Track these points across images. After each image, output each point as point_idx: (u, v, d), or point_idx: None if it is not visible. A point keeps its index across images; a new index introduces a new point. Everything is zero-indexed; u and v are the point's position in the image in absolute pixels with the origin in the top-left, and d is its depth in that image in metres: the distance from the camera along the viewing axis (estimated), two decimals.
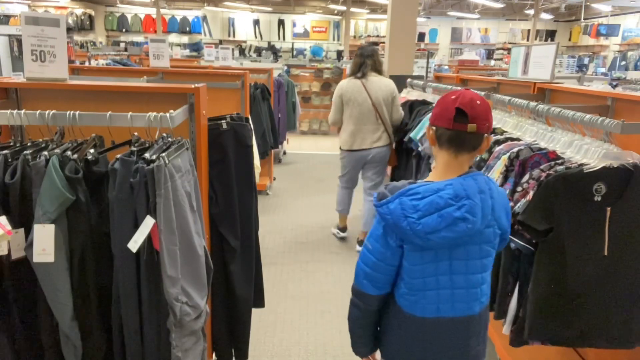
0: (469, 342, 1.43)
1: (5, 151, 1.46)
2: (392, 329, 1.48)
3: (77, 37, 15.16)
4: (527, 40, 17.07)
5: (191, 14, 16.90)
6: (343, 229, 4.27)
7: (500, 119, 2.76)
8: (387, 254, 1.36)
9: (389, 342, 1.51)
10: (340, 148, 3.95)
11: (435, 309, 1.38)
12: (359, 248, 4.04)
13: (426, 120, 3.36)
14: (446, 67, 10.65)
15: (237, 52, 14.30)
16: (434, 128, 1.39)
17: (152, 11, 16.31)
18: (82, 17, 15.57)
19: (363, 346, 1.59)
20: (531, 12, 15.59)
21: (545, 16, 16.57)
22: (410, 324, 1.41)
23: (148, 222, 1.38)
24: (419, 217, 1.27)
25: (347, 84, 3.81)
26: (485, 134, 1.35)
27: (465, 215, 1.27)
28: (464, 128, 1.31)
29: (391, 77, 6.26)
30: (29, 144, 1.55)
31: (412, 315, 1.40)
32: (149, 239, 1.40)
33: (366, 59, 3.77)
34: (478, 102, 1.32)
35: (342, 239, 4.25)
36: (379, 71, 3.82)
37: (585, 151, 1.92)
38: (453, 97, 1.34)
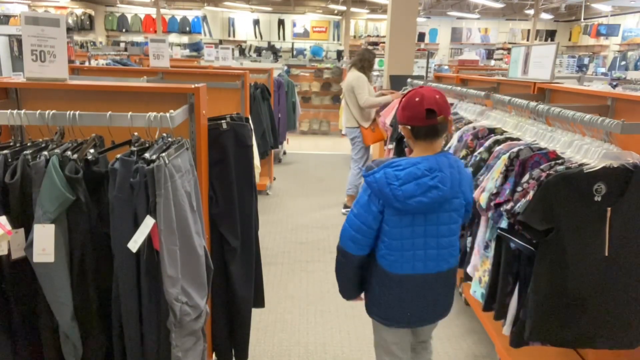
0: (437, 295, 1.76)
1: (5, 151, 1.46)
2: (373, 283, 1.76)
3: (77, 37, 15.16)
4: (527, 40, 17.08)
5: (191, 14, 16.89)
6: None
7: (500, 119, 2.76)
8: (370, 218, 1.64)
9: (372, 292, 1.79)
10: None
11: (411, 267, 1.67)
12: (344, 211, 4.86)
13: None
14: (446, 67, 10.64)
15: (237, 52, 14.31)
16: (409, 127, 1.67)
17: (152, 11, 16.30)
18: (82, 17, 15.57)
19: (348, 292, 1.88)
20: (531, 12, 15.58)
21: (545, 16, 16.57)
22: (389, 280, 1.69)
23: (148, 222, 1.38)
24: (400, 185, 1.55)
25: None
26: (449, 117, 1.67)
27: (437, 184, 1.57)
28: (436, 122, 1.62)
29: (391, 77, 6.28)
30: (29, 144, 1.55)
31: (390, 272, 1.68)
32: (149, 239, 1.40)
33: (355, 58, 4.80)
34: (437, 96, 1.63)
35: None
36: (361, 68, 4.66)
37: (585, 151, 1.92)
38: (417, 99, 1.63)
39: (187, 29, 16.80)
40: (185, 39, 17.00)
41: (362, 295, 1.88)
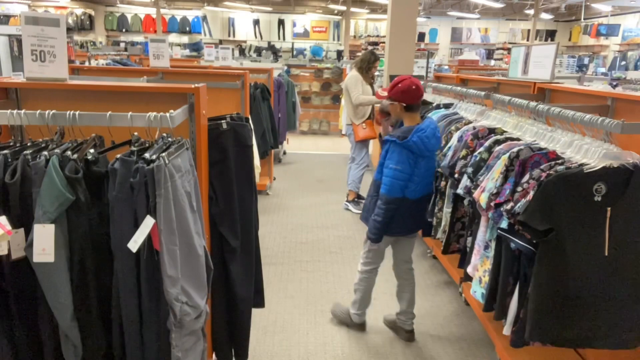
0: (424, 209, 2.69)
1: (5, 151, 1.46)
2: (396, 211, 2.47)
3: (77, 37, 15.17)
4: (527, 40, 17.07)
5: (191, 14, 16.89)
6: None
7: (500, 119, 2.76)
8: (408, 167, 2.42)
9: (392, 218, 2.50)
10: None
11: (420, 192, 2.52)
12: (345, 205, 5.07)
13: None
14: (446, 67, 10.64)
15: (237, 52, 14.31)
16: (404, 105, 2.49)
17: (152, 11, 16.30)
18: (82, 17, 15.57)
19: (382, 233, 2.54)
20: (531, 12, 15.58)
21: (545, 16, 16.57)
22: (410, 204, 2.49)
23: (148, 222, 1.37)
24: (429, 140, 2.42)
25: None
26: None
27: (439, 136, 2.56)
28: (421, 99, 2.54)
29: (391, 77, 6.27)
30: (29, 144, 1.55)
31: (411, 199, 2.48)
32: (149, 239, 1.40)
33: (357, 59, 5.10)
34: (421, 85, 2.54)
35: (342, 238, 4.26)
36: (359, 69, 4.90)
37: (586, 151, 1.92)
38: (414, 87, 2.48)
39: (187, 29, 16.80)
40: (185, 39, 17.00)
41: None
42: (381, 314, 3.02)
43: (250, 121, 3.77)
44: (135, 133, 1.55)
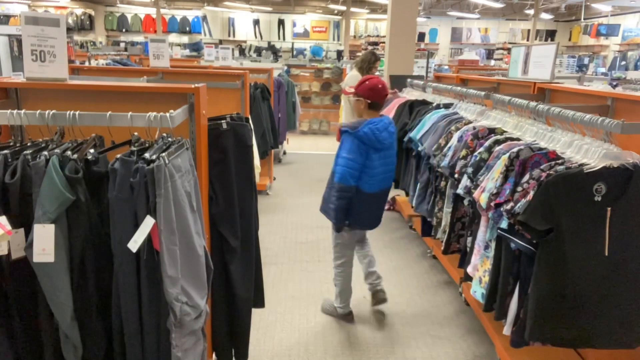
0: (381, 205, 2.81)
1: (5, 151, 1.46)
2: (354, 203, 2.62)
3: (77, 37, 15.16)
4: (527, 40, 17.07)
5: (191, 14, 16.89)
6: None
7: (500, 119, 2.76)
8: (359, 157, 2.56)
9: (351, 209, 2.64)
10: None
11: (376, 186, 2.66)
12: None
13: (427, 119, 3.36)
14: (446, 67, 10.64)
15: (237, 52, 14.32)
16: (368, 101, 2.70)
17: (152, 11, 16.30)
18: (82, 17, 15.57)
19: (341, 220, 2.67)
20: (531, 12, 15.58)
21: (545, 16, 16.57)
22: (365, 197, 2.64)
23: (148, 222, 1.37)
24: (380, 133, 2.59)
25: None
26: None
27: (393, 130, 2.71)
28: (384, 99, 2.79)
29: (391, 76, 6.28)
30: (29, 144, 1.55)
31: (366, 192, 2.62)
32: (149, 239, 1.40)
33: (358, 59, 5.20)
34: (384, 82, 2.77)
35: None
36: (360, 69, 5.03)
37: (586, 151, 1.92)
38: (380, 86, 2.71)
39: (187, 29, 16.80)
40: (185, 39, 17.00)
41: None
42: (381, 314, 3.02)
43: (250, 121, 3.77)
44: (135, 133, 1.55)
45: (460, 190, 2.55)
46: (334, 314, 2.98)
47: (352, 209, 2.62)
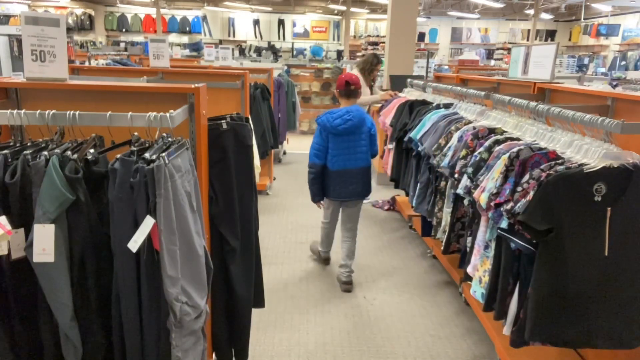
0: (356, 181, 3.26)
1: (5, 151, 1.46)
2: (325, 178, 3.27)
3: (77, 37, 15.17)
4: (527, 40, 17.07)
5: (191, 14, 16.90)
6: None
7: (500, 119, 2.76)
8: (322, 141, 3.20)
9: (325, 184, 3.28)
10: None
11: (338, 165, 3.20)
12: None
13: (427, 119, 3.36)
14: (446, 67, 10.64)
15: (237, 52, 14.31)
16: (337, 91, 3.35)
17: (152, 11, 16.31)
18: (82, 17, 15.58)
19: (317, 195, 3.32)
20: (531, 12, 15.59)
21: (545, 16, 16.57)
22: (332, 173, 3.23)
23: (148, 222, 1.37)
24: (333, 120, 3.15)
25: None
26: (359, 89, 3.32)
27: (351, 118, 3.15)
28: (349, 89, 3.27)
29: (391, 77, 6.28)
30: (29, 144, 1.55)
31: (331, 169, 3.22)
32: (149, 239, 1.40)
33: (360, 60, 5.50)
34: (353, 77, 3.31)
35: None
36: (361, 70, 5.23)
37: (586, 151, 1.92)
38: (342, 76, 3.32)
39: (187, 29, 16.80)
40: (185, 39, 17.00)
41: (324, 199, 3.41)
42: (380, 312, 3.02)
43: (250, 121, 3.77)
44: (135, 133, 1.55)
45: (460, 190, 2.55)
46: (317, 255, 3.76)
47: (323, 182, 3.28)
